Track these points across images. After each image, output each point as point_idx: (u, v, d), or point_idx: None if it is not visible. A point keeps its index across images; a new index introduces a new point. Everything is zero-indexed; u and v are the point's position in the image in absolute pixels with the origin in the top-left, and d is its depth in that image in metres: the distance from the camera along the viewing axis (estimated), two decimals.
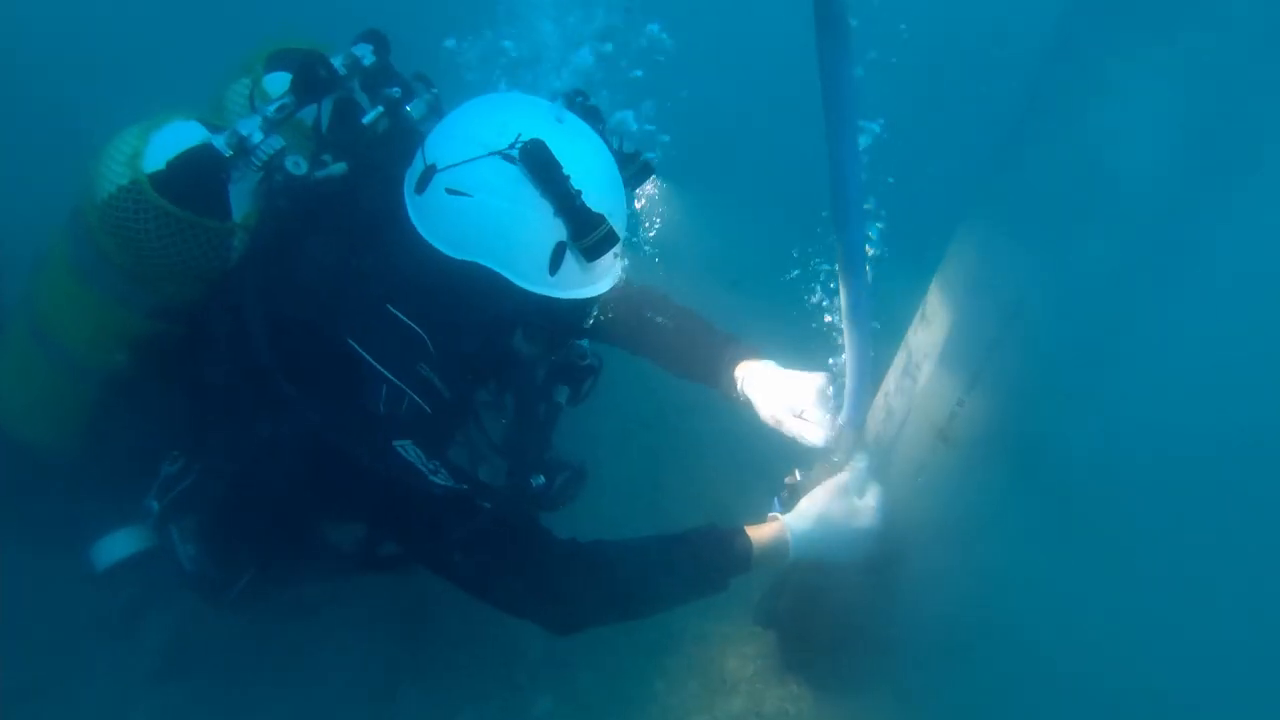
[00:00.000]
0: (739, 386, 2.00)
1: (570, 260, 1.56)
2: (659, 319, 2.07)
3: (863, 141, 1.54)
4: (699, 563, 1.75)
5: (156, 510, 1.80)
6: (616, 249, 1.60)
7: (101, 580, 1.85)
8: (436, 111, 1.81)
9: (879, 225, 1.78)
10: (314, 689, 2.23)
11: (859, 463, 1.82)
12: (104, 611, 2.24)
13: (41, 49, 3.15)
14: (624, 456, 2.43)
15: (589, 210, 1.52)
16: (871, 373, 1.78)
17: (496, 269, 1.53)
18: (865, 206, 1.55)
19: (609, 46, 1.75)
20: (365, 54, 1.76)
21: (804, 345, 2.01)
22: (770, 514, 1.84)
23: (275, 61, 1.79)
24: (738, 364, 2.01)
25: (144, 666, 2.23)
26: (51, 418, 1.82)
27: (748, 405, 1.99)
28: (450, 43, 1.82)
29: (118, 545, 1.84)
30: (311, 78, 1.64)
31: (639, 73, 1.71)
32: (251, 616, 2.04)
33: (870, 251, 1.61)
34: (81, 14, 3.18)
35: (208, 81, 1.85)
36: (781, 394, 1.92)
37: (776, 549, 1.76)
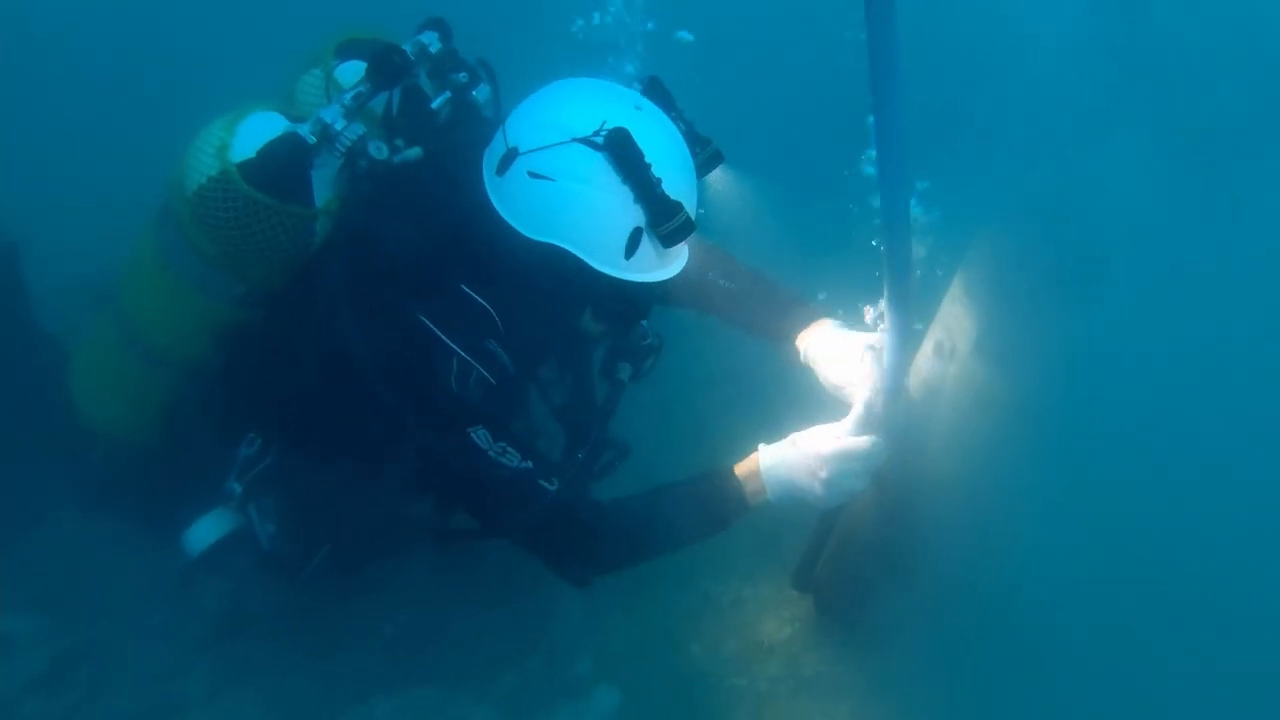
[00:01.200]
0: (802, 357, 2.04)
1: (646, 245, 1.60)
2: (723, 282, 2.10)
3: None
4: (699, 510, 1.81)
5: (239, 492, 1.86)
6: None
7: (197, 564, 1.92)
8: (497, 95, 1.86)
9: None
10: (359, 651, 2.29)
11: (854, 412, 1.82)
12: (159, 577, 2.31)
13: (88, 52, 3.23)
14: (666, 426, 2.48)
15: (668, 199, 1.56)
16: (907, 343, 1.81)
17: (574, 251, 1.57)
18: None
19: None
20: (432, 41, 1.81)
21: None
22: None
23: (344, 52, 1.84)
24: (800, 332, 2.04)
25: (198, 630, 2.29)
26: (135, 408, 1.90)
27: (808, 365, 2.03)
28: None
29: (208, 529, 1.91)
30: (387, 66, 1.68)
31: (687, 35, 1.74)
32: (323, 592, 2.10)
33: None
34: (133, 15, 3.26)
35: (272, 75, 1.89)
36: (839, 363, 1.95)
37: (753, 481, 1.79)
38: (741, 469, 1.82)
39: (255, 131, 1.67)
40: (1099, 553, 2.41)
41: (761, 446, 1.83)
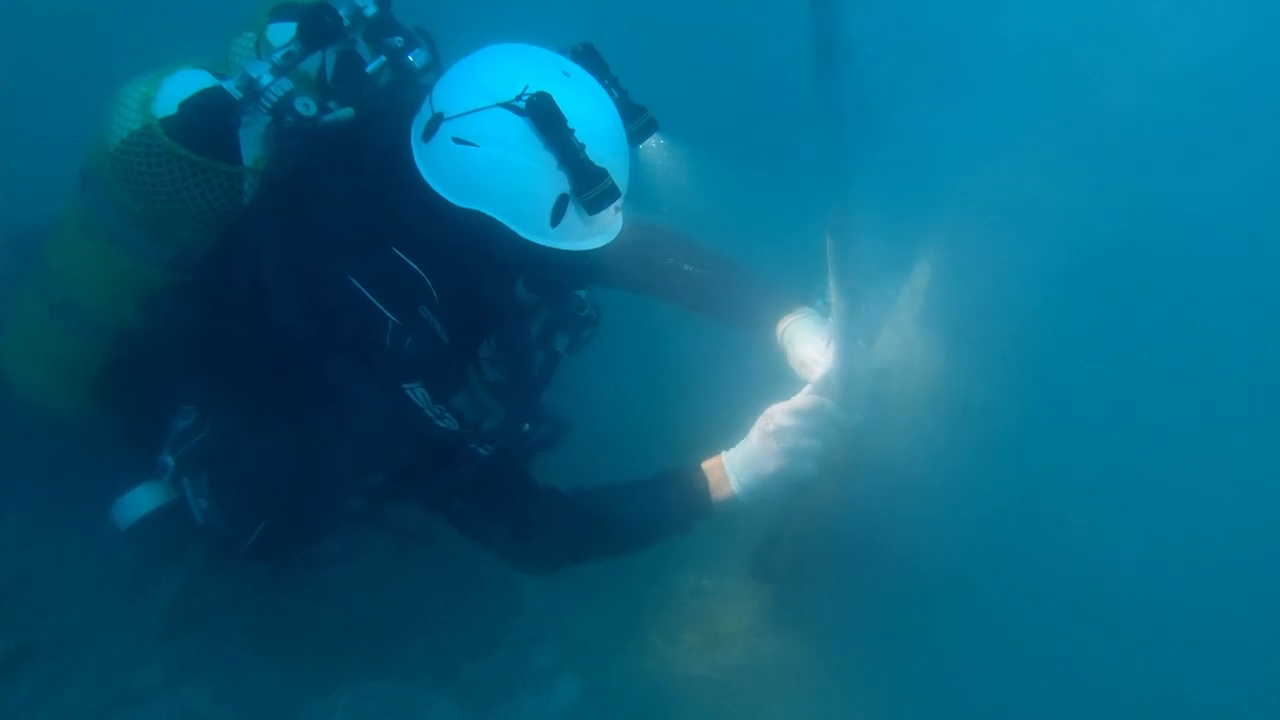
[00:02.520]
0: (778, 337, 2.03)
1: (572, 213, 1.59)
2: (689, 268, 2.08)
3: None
4: (664, 509, 1.82)
5: (171, 465, 1.83)
6: (618, 203, 1.63)
7: (125, 537, 1.89)
8: (437, 62, 1.83)
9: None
10: (321, 643, 2.28)
11: (802, 392, 1.83)
12: (114, 569, 2.29)
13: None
14: (619, 411, 2.48)
15: (592, 164, 1.54)
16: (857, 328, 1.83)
17: (499, 218, 1.56)
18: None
19: None
20: (367, 5, 1.78)
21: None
22: None
23: (278, 14, 1.82)
24: (783, 318, 2.03)
25: (155, 623, 2.26)
26: (66, 380, 1.87)
27: (781, 350, 2.03)
28: None
29: (138, 502, 1.89)
30: (318, 25, 1.66)
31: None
32: (261, 570, 2.09)
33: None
34: None
35: (209, 38, 1.87)
36: (808, 344, 1.96)
37: (721, 483, 1.80)
38: (707, 464, 1.81)
39: (180, 87, 1.65)
40: (1053, 541, 2.46)
41: (725, 453, 1.83)
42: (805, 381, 1.96)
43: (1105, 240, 2.71)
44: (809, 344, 1.99)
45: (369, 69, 1.77)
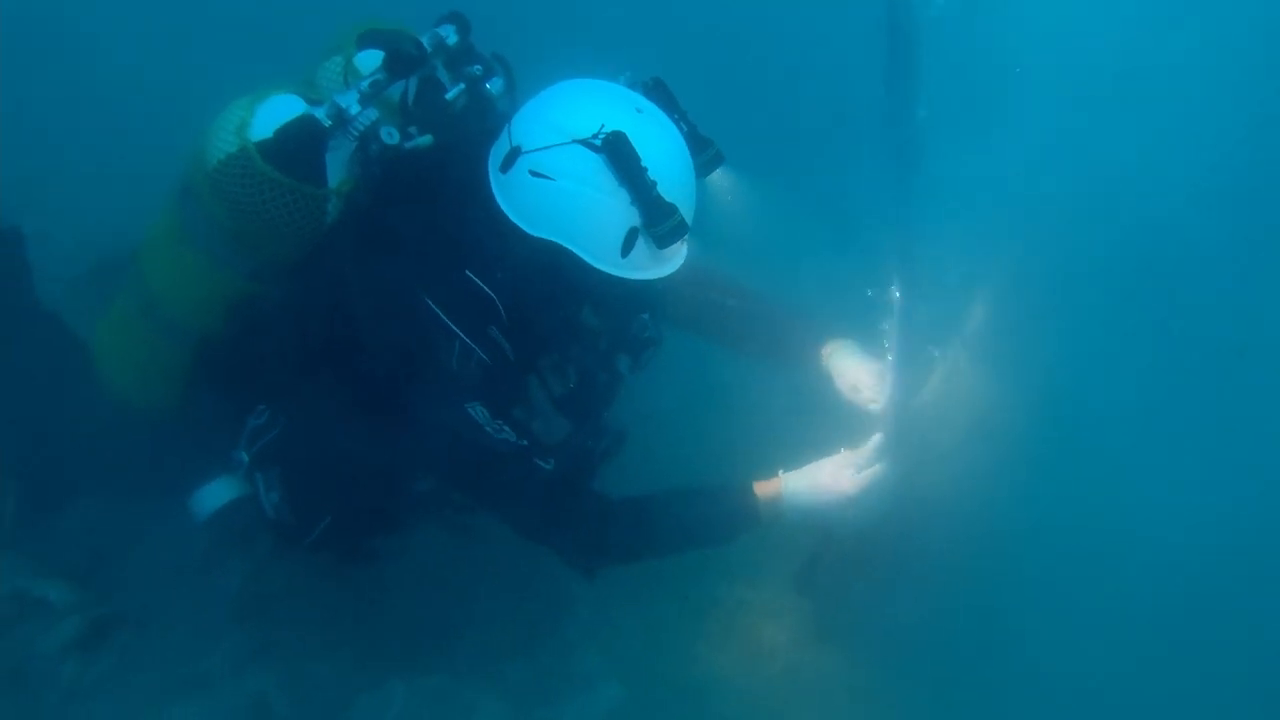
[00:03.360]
0: (823, 361, 2.11)
1: (641, 245, 1.66)
2: (729, 302, 2.15)
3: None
4: (713, 519, 1.89)
5: (246, 461, 1.94)
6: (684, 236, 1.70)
7: (202, 527, 2.00)
8: (513, 89, 1.92)
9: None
10: (375, 637, 2.36)
11: (872, 440, 1.89)
12: (184, 556, 2.41)
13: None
14: (674, 428, 2.54)
15: (663, 200, 1.61)
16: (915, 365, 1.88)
17: (572, 248, 1.63)
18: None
19: None
20: (449, 34, 1.88)
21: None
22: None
23: (364, 41, 1.91)
24: (825, 343, 2.12)
25: (221, 609, 2.37)
26: (150, 375, 1.99)
27: (828, 376, 2.09)
28: None
29: (216, 494, 2.00)
30: (403, 55, 1.76)
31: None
32: (322, 564, 2.19)
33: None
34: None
35: (297, 62, 1.96)
36: (857, 368, 2.05)
37: (773, 504, 1.87)
38: (763, 490, 1.88)
39: (274, 112, 1.75)
40: (1098, 570, 2.47)
41: (784, 475, 1.89)
42: (855, 405, 2.02)
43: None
44: (857, 369, 2.06)
45: (449, 96, 1.85)
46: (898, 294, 1.97)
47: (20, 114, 2.84)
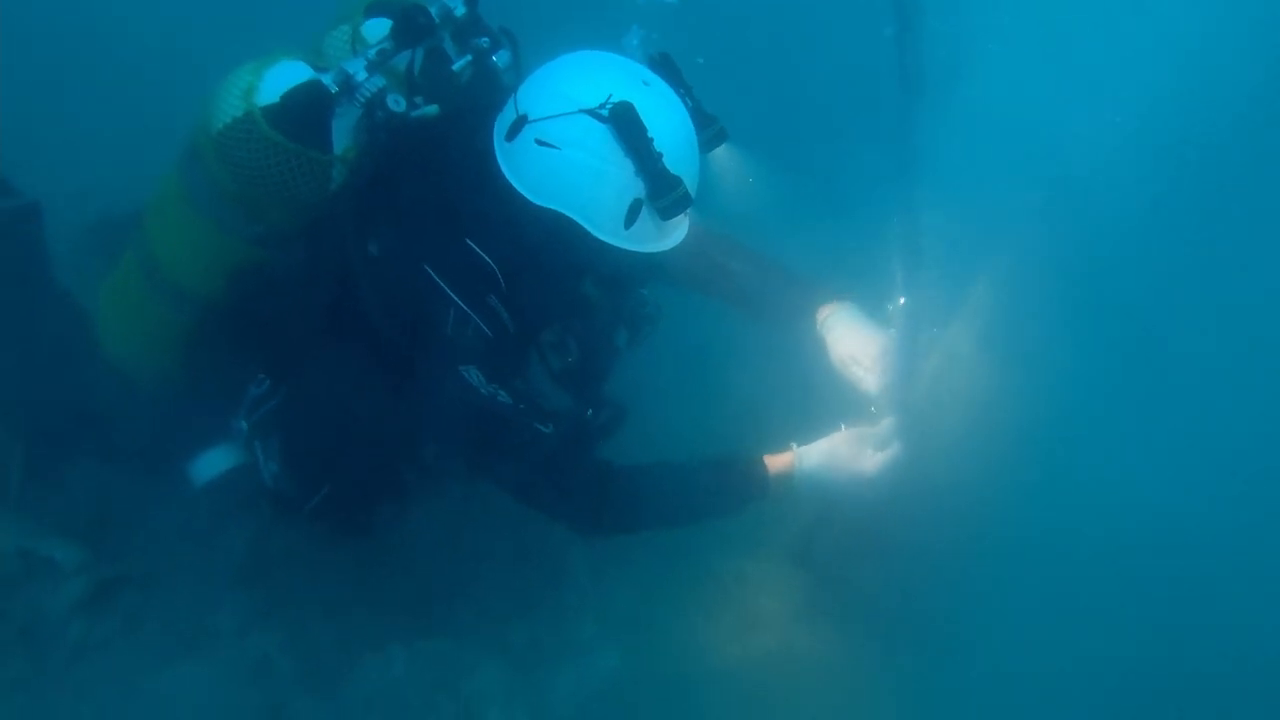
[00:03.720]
0: (818, 327, 2.10)
1: (645, 216, 1.66)
2: (734, 265, 2.15)
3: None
4: (720, 489, 1.90)
5: (245, 429, 1.95)
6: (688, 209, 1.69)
7: (200, 493, 2.02)
8: (518, 62, 1.91)
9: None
10: (376, 602, 2.39)
11: (887, 421, 1.91)
12: (188, 518, 2.43)
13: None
14: (673, 400, 2.56)
15: (668, 173, 1.61)
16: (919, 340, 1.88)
17: (575, 218, 1.64)
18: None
19: None
20: (456, 5, 1.86)
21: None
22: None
23: (372, 10, 1.90)
24: (821, 305, 2.11)
25: (226, 570, 2.40)
26: (152, 342, 2.00)
27: (822, 343, 2.09)
28: None
29: (214, 462, 2.02)
30: (411, 24, 1.75)
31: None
32: (323, 530, 2.22)
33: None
34: None
35: (306, 28, 1.94)
36: (852, 339, 2.03)
37: (784, 478, 1.88)
38: (774, 463, 1.89)
39: (281, 78, 1.75)
40: (1094, 544, 2.50)
41: (797, 449, 1.90)
42: (849, 376, 2.02)
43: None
44: (850, 338, 2.05)
45: (455, 67, 1.85)
46: (900, 274, 1.98)
47: (20, 75, 2.81)
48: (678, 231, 1.76)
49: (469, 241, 1.72)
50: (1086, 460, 2.51)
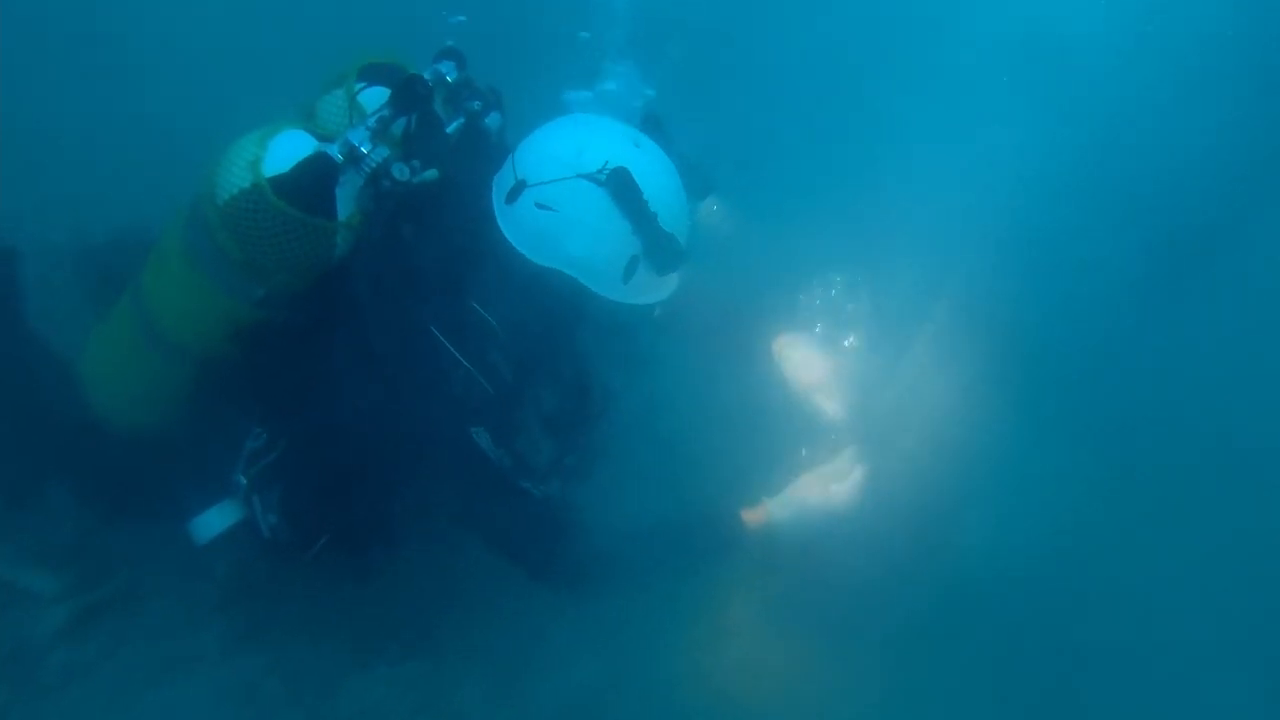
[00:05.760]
0: (776, 356, 2.24)
1: (642, 271, 1.77)
2: (693, 303, 2.25)
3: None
4: (698, 552, 2.05)
5: (244, 484, 1.99)
6: None
7: (202, 551, 2.06)
8: (505, 122, 1.99)
9: None
10: (357, 622, 2.44)
11: (847, 450, 2.06)
12: (168, 544, 2.44)
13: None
14: (646, 434, 2.65)
15: (663, 231, 1.73)
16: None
17: (576, 276, 1.74)
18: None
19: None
20: (449, 70, 1.94)
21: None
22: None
23: (366, 75, 1.95)
24: (778, 336, 2.24)
25: (209, 593, 2.43)
26: (148, 400, 2.03)
27: (780, 376, 2.23)
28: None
29: (215, 520, 2.05)
30: (410, 94, 1.81)
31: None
32: (321, 577, 2.27)
33: None
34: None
35: (292, 91, 1.96)
36: (810, 369, 2.18)
37: (761, 534, 2.03)
38: (749, 520, 2.03)
39: (286, 148, 1.80)
40: (1057, 549, 2.64)
41: (769, 503, 2.04)
42: (807, 406, 2.15)
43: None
44: (808, 368, 2.21)
45: (449, 129, 1.91)
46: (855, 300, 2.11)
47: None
48: (672, 281, 1.87)
49: (473, 303, 1.80)
50: (1049, 475, 2.67)
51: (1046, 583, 2.59)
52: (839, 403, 2.21)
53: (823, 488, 2.02)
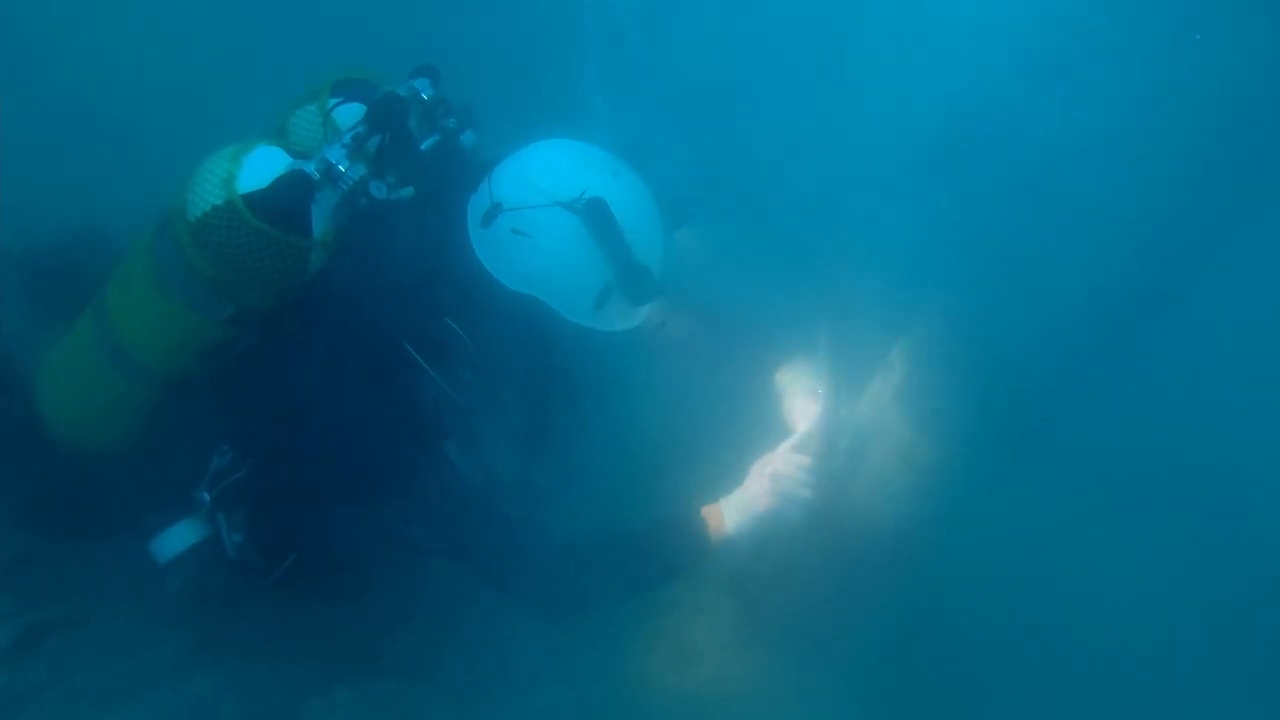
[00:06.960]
0: (777, 383, 2.23)
1: (614, 299, 1.77)
2: (694, 327, 2.26)
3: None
4: (668, 559, 2.01)
5: (208, 501, 1.93)
6: None
7: (163, 571, 1.99)
8: (479, 139, 1.97)
9: None
10: (319, 641, 2.39)
11: (791, 439, 2.04)
12: (118, 559, 2.37)
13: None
14: (617, 455, 2.63)
15: (637, 263, 1.73)
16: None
17: (549, 302, 1.73)
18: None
19: None
20: (424, 88, 1.91)
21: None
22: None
23: (339, 91, 1.93)
24: (779, 365, 2.25)
25: (163, 610, 2.35)
26: (111, 418, 1.96)
27: (751, 395, 2.23)
28: None
29: (177, 538, 1.98)
30: (385, 112, 1.79)
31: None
32: (287, 598, 2.21)
33: None
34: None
35: (262, 105, 1.91)
36: (800, 393, 2.18)
37: (713, 511, 2.00)
38: (705, 509, 2.01)
39: (259, 165, 1.76)
40: (1030, 570, 2.69)
41: (722, 503, 2.02)
42: (792, 429, 2.15)
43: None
44: (802, 394, 2.18)
45: (423, 146, 1.89)
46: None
47: None
48: (644, 310, 1.86)
49: (448, 320, 1.78)
50: (1016, 492, 2.71)
51: (1016, 604, 2.62)
52: (809, 421, 2.20)
53: (761, 483, 1.98)
